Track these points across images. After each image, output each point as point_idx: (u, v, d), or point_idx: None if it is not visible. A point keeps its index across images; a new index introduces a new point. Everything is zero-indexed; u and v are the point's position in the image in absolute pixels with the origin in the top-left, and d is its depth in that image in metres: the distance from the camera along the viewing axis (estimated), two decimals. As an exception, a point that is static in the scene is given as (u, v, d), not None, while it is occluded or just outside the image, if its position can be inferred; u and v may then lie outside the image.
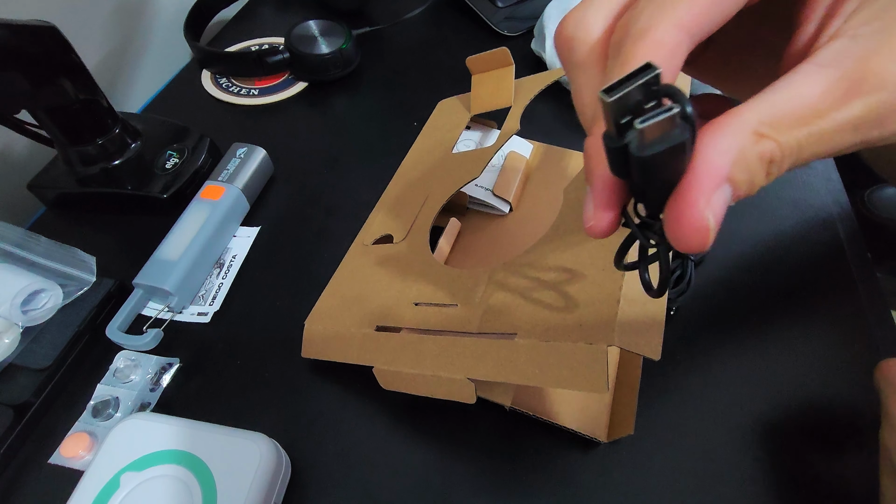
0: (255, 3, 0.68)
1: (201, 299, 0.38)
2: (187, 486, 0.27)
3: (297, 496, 0.30)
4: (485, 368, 0.24)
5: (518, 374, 0.23)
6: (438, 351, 0.26)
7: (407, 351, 0.28)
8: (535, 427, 0.31)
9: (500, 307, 0.26)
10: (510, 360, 0.23)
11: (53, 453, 0.31)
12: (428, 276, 0.31)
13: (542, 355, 0.22)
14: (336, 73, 0.55)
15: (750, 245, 0.39)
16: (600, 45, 0.15)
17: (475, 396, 0.25)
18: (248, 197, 0.43)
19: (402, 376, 0.28)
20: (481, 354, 0.25)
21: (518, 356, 0.23)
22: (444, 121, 0.44)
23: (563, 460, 0.30)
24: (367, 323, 0.30)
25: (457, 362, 0.25)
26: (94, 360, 0.35)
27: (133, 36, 0.58)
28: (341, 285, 0.35)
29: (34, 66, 0.36)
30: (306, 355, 0.34)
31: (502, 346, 0.24)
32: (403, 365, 0.28)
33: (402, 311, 0.29)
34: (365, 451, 0.31)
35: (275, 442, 0.29)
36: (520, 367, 0.23)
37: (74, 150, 0.42)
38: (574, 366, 0.21)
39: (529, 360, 0.23)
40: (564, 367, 0.21)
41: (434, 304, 0.28)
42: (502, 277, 0.28)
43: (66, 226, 0.44)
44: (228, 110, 0.53)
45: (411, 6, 0.58)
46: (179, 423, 0.29)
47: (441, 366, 0.26)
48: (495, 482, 0.30)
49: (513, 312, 0.25)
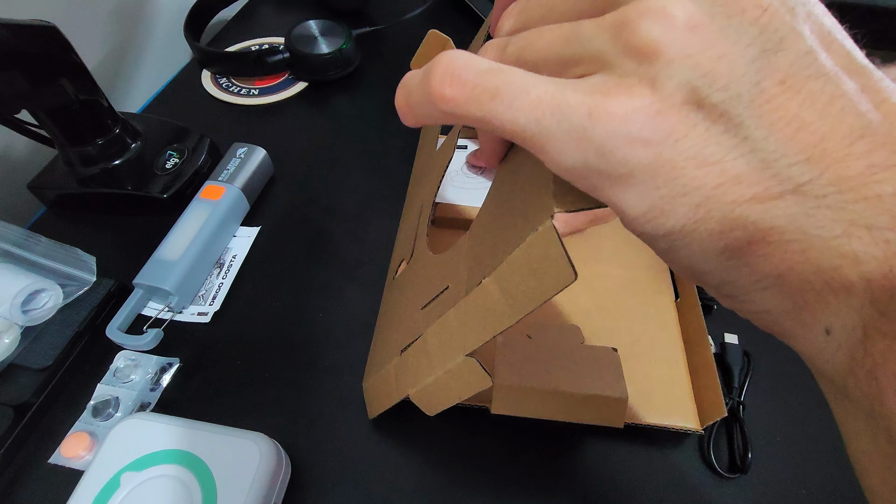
0: (255, 3, 0.68)
1: (201, 299, 0.38)
2: (187, 485, 0.27)
3: (297, 496, 0.30)
4: (474, 334, 0.21)
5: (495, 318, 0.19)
6: (438, 342, 0.24)
7: (420, 359, 0.25)
8: (535, 427, 0.31)
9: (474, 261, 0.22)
10: (486, 308, 0.20)
11: (54, 453, 0.31)
12: (429, 274, 0.29)
13: (505, 280, 0.18)
14: (336, 73, 0.55)
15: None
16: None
17: (488, 378, 0.21)
18: (249, 197, 0.43)
19: (429, 391, 0.25)
20: (464, 319, 0.21)
21: (489, 298, 0.19)
22: (427, 133, 0.43)
23: (571, 459, 0.30)
24: (396, 351, 0.28)
25: (452, 343, 0.22)
26: (94, 359, 0.35)
27: (133, 36, 0.58)
28: (380, 331, 0.34)
29: (34, 66, 0.36)
30: (373, 415, 0.32)
31: (477, 297, 0.20)
32: (423, 377, 0.25)
33: (414, 322, 0.27)
34: (365, 451, 0.31)
35: (275, 442, 0.29)
36: (495, 309, 0.19)
37: (74, 150, 0.42)
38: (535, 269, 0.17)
39: (501, 295, 0.19)
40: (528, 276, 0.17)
41: (434, 298, 0.25)
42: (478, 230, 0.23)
43: (67, 226, 0.44)
44: (228, 110, 0.53)
45: (411, 6, 0.58)
46: (179, 422, 0.29)
47: (444, 356, 0.23)
48: (496, 482, 0.30)
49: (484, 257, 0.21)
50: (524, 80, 0.13)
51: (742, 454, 0.30)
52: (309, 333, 0.36)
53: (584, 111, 0.12)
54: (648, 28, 0.11)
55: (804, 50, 0.11)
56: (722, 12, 0.11)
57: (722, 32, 0.11)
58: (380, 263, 0.40)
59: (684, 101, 0.12)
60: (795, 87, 0.11)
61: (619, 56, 0.12)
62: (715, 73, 0.11)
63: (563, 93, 0.12)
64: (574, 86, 0.12)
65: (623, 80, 0.12)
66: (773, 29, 0.11)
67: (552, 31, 0.13)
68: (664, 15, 0.11)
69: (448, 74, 0.13)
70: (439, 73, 0.13)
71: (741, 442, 0.30)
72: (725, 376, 0.33)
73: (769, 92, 0.11)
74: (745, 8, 0.11)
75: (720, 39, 0.11)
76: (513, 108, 0.12)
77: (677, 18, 0.11)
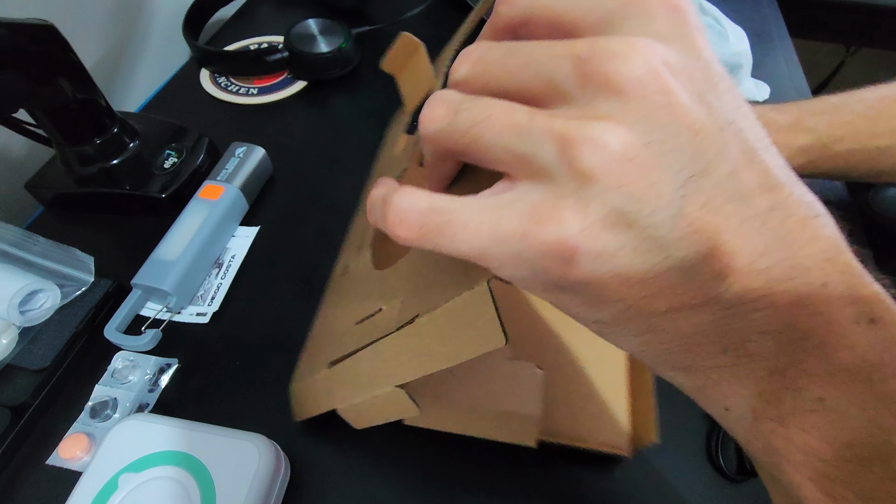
0: (254, 2, 0.68)
1: (200, 299, 0.38)
2: (186, 487, 0.26)
3: (296, 497, 0.29)
4: (406, 368, 0.21)
5: (432, 361, 0.20)
6: (369, 366, 0.23)
7: (349, 377, 0.25)
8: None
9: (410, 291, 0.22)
10: (419, 347, 0.20)
11: (51, 454, 0.31)
12: (367, 288, 0.28)
13: (438, 326, 0.19)
14: (335, 72, 0.55)
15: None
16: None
17: (415, 407, 0.23)
18: (247, 196, 0.43)
19: (357, 409, 0.26)
20: (398, 352, 0.21)
21: (424, 339, 0.20)
22: (391, 131, 0.43)
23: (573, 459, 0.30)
24: (324, 362, 0.27)
25: (381, 372, 0.23)
26: (92, 360, 0.35)
27: (131, 35, 0.58)
28: (316, 333, 0.33)
29: (32, 65, 0.36)
30: (299, 418, 0.31)
31: (410, 334, 0.20)
32: (351, 396, 0.25)
33: (347, 336, 0.26)
34: (365, 451, 0.31)
35: (274, 443, 0.29)
36: (429, 351, 0.20)
37: (72, 149, 0.42)
38: (467, 323, 0.17)
39: (435, 339, 0.19)
40: (460, 329, 0.18)
41: (368, 316, 0.25)
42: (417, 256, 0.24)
43: (64, 226, 0.44)
44: (227, 109, 0.53)
45: (411, 5, 0.58)
46: (178, 424, 0.29)
47: (372, 382, 0.23)
48: (496, 482, 0.30)
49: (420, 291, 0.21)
50: (462, 214, 0.14)
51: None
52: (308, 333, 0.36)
53: (518, 237, 0.13)
54: (588, 156, 0.12)
55: (726, 172, 0.13)
56: (658, 139, 0.12)
57: (656, 160, 0.12)
58: (379, 263, 0.40)
59: (615, 224, 0.13)
60: (714, 210, 0.13)
61: (563, 175, 0.13)
62: (645, 199, 0.12)
63: (499, 222, 0.14)
64: (510, 210, 0.14)
65: (559, 202, 0.13)
66: (702, 151, 0.13)
67: (506, 119, 0.14)
68: (603, 145, 0.12)
69: (398, 219, 0.15)
70: (391, 218, 0.15)
71: None
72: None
73: (691, 216, 0.13)
74: (680, 132, 0.12)
75: (653, 167, 0.12)
76: (456, 240, 0.14)
77: (615, 151, 0.12)
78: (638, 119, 0.12)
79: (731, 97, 0.14)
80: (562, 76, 0.13)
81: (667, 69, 0.13)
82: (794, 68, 0.55)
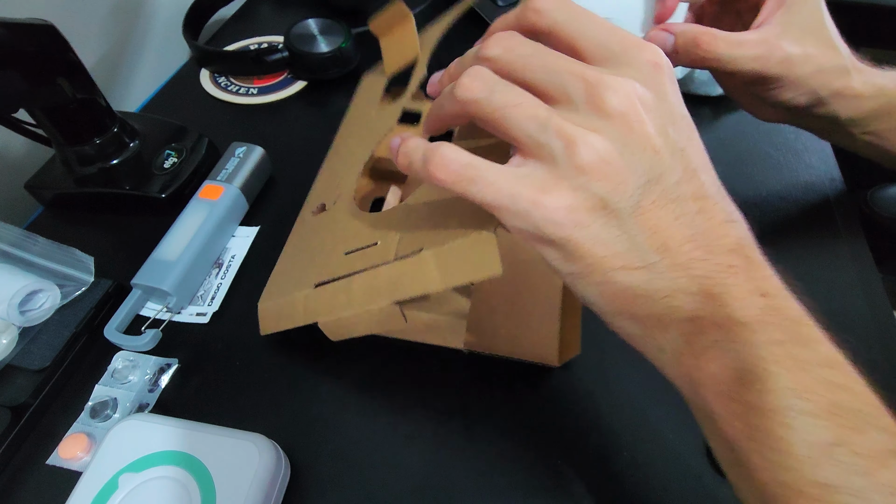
0: (254, 2, 0.68)
1: (200, 299, 0.38)
2: (186, 487, 0.26)
3: (296, 497, 0.29)
4: (403, 288, 0.26)
5: (428, 282, 0.24)
6: (365, 286, 0.28)
7: (339, 296, 0.29)
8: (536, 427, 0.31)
9: (411, 231, 0.27)
10: (421, 273, 0.25)
11: (51, 454, 0.31)
12: (354, 227, 0.32)
13: (443, 258, 0.24)
14: (335, 71, 0.55)
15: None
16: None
17: (404, 319, 0.27)
18: (247, 196, 0.43)
19: (342, 322, 0.29)
20: (398, 277, 0.26)
21: (426, 267, 0.25)
22: (366, 91, 0.44)
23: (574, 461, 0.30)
24: (308, 283, 0.31)
25: (380, 291, 0.27)
26: (92, 360, 0.35)
27: (131, 35, 0.58)
28: (286, 261, 0.37)
29: (32, 64, 0.36)
30: (265, 332, 0.34)
31: (412, 263, 0.25)
32: (340, 310, 0.29)
33: (336, 264, 0.30)
34: (365, 451, 0.31)
35: (274, 443, 0.29)
36: (429, 276, 0.24)
37: (72, 149, 0.42)
38: (471, 257, 0.23)
39: (436, 267, 0.24)
40: (464, 262, 0.23)
41: (360, 249, 0.29)
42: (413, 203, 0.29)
43: (64, 226, 0.44)
44: (227, 109, 0.53)
45: (411, 5, 0.58)
46: (178, 423, 0.29)
47: (369, 299, 0.27)
48: (496, 482, 0.30)
49: (420, 231, 0.26)
50: (489, 174, 0.19)
51: None
52: (308, 333, 0.36)
53: (529, 200, 0.19)
54: (584, 155, 0.18)
55: (673, 182, 0.19)
56: (629, 152, 0.18)
57: (626, 166, 0.18)
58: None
59: (594, 206, 0.19)
60: (660, 206, 0.19)
61: (565, 163, 0.18)
62: (616, 191, 0.18)
63: (516, 187, 0.19)
64: (525, 180, 0.19)
65: (560, 182, 0.19)
66: (658, 165, 0.19)
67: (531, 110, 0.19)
68: (594, 150, 0.18)
69: (441, 165, 0.20)
70: (435, 162, 0.20)
71: None
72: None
73: (644, 207, 0.19)
74: (645, 150, 0.18)
75: (623, 170, 0.18)
76: (482, 191, 0.19)
77: (601, 155, 0.18)
78: (618, 136, 0.18)
79: (686, 131, 0.20)
80: (573, 90, 0.19)
81: (641, 105, 0.18)
82: (793, 68, 0.55)
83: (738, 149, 0.47)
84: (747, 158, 0.46)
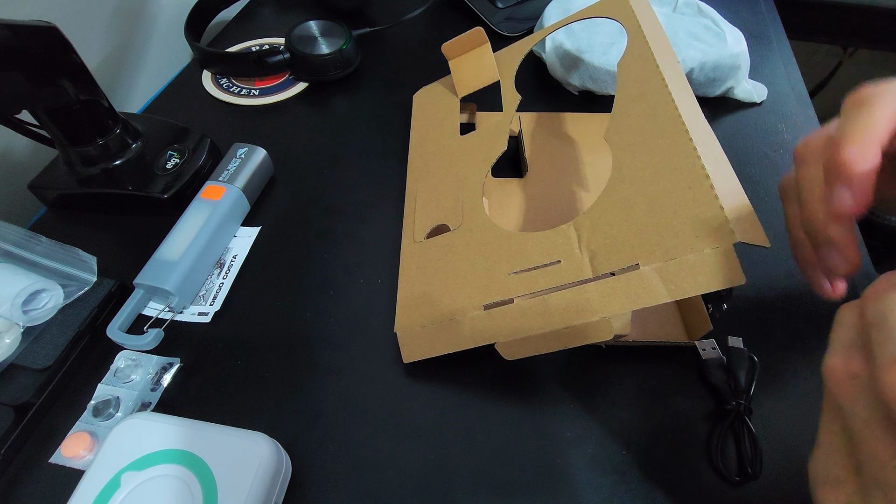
0: (256, 4, 0.68)
1: (202, 299, 0.38)
2: (188, 485, 0.27)
3: (297, 496, 0.30)
4: (619, 303, 0.25)
5: (653, 296, 0.25)
6: (566, 304, 0.27)
7: (531, 315, 0.28)
8: (533, 426, 0.31)
9: (606, 248, 0.27)
10: (642, 288, 0.25)
11: (54, 453, 0.31)
12: (510, 246, 0.31)
13: (672, 273, 0.24)
14: (336, 73, 0.55)
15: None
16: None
17: (613, 332, 0.26)
18: (249, 197, 0.43)
19: (529, 341, 0.28)
20: (610, 292, 0.26)
21: (649, 282, 0.25)
22: (432, 110, 0.44)
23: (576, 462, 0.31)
24: (473, 306, 0.30)
25: (588, 307, 0.26)
26: (94, 360, 0.36)
27: (134, 36, 0.58)
28: (415, 285, 0.35)
29: (35, 66, 0.36)
30: (409, 360, 0.33)
31: (630, 279, 0.25)
32: (531, 329, 0.28)
33: (503, 285, 0.30)
34: (365, 451, 0.31)
35: (275, 441, 0.29)
36: (653, 290, 0.25)
37: (75, 150, 0.42)
38: (708, 270, 0.23)
39: (663, 281, 0.24)
40: (700, 275, 0.24)
41: (535, 268, 0.29)
42: (589, 224, 0.29)
43: (67, 226, 0.44)
44: (229, 111, 0.54)
45: (411, 7, 0.58)
46: (180, 422, 0.29)
47: (572, 316, 0.27)
48: (496, 482, 0.30)
49: (622, 248, 0.26)
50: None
51: (751, 459, 0.30)
52: (309, 333, 0.37)
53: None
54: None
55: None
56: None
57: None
58: (380, 263, 0.40)
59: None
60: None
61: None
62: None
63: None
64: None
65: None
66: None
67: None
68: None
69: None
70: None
71: (750, 447, 0.30)
72: (731, 380, 0.32)
73: None
74: None
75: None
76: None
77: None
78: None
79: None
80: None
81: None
82: (791, 69, 0.55)
83: (738, 149, 0.47)
84: (746, 159, 0.46)
